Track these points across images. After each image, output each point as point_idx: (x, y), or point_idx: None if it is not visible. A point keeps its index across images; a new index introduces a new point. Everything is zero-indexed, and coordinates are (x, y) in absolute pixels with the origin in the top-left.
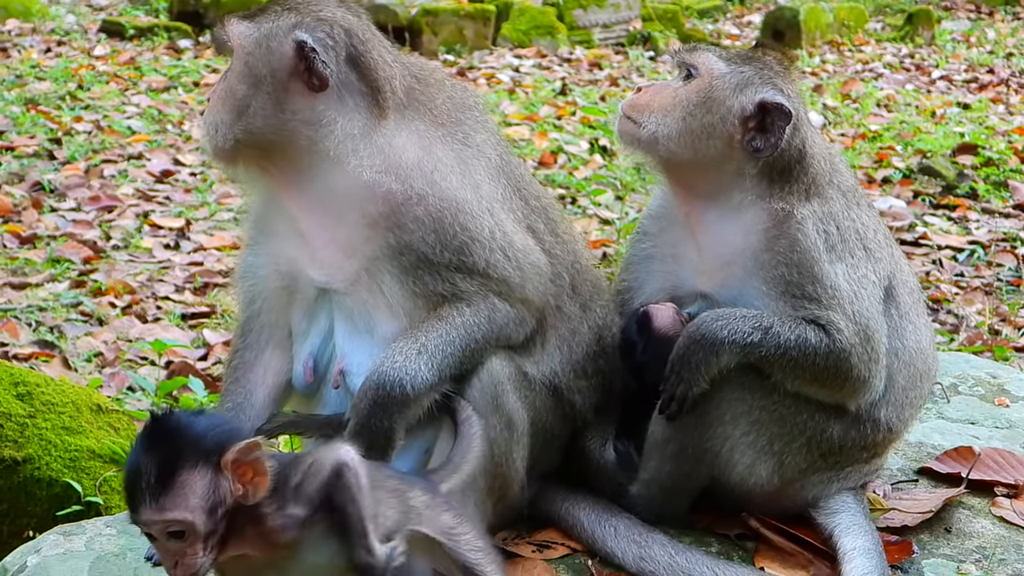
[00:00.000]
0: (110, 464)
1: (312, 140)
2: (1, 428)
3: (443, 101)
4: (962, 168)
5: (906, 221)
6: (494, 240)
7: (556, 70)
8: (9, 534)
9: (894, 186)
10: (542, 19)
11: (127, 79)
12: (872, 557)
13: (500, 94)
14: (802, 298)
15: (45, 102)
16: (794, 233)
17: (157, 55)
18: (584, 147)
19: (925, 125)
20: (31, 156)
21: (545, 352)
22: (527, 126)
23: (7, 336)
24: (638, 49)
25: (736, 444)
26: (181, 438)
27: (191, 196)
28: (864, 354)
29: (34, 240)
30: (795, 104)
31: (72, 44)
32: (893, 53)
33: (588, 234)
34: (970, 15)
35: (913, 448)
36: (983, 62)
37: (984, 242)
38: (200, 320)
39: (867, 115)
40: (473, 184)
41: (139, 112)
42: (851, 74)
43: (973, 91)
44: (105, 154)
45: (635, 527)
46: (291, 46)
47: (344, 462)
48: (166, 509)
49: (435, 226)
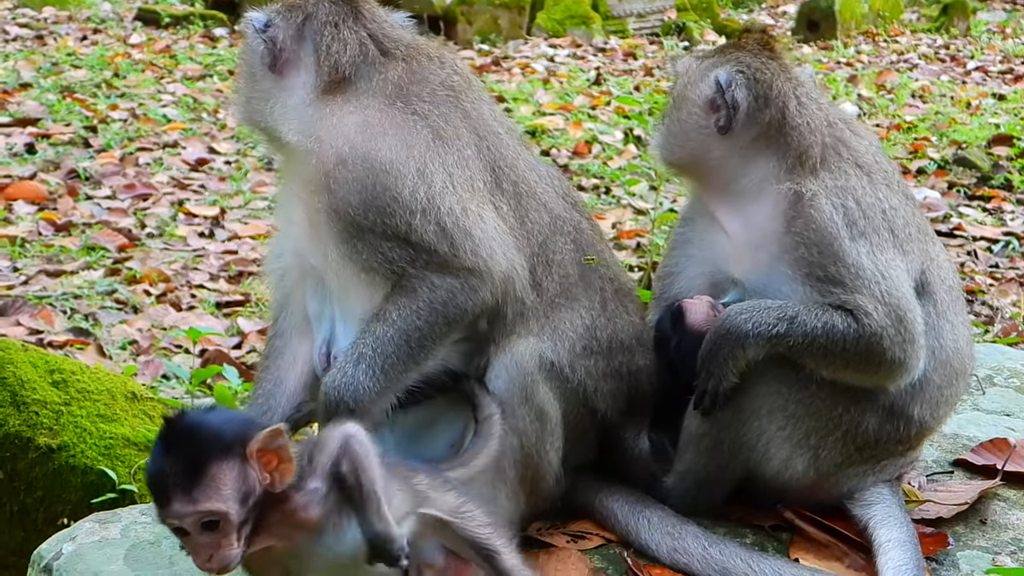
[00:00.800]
0: (145, 452)
1: (264, 114)
2: (36, 416)
3: (407, 78)
4: (997, 159)
5: (941, 212)
6: (415, 200)
7: (590, 60)
8: (44, 521)
9: (929, 177)
10: (577, 8)
11: (162, 67)
12: (907, 549)
13: (535, 83)
14: (827, 281)
15: (81, 90)
16: (808, 211)
17: (192, 43)
18: (618, 137)
19: (960, 116)
20: (67, 144)
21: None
22: (561, 115)
23: (43, 323)
24: (672, 39)
25: (772, 438)
26: (202, 434)
27: (226, 184)
28: (897, 335)
29: (69, 228)
30: (757, 74)
31: (108, 32)
32: (928, 44)
33: (622, 224)
34: (1005, 6)
35: (948, 440)
36: (1018, 53)
37: (1019, 233)
38: (234, 308)
39: (902, 106)
40: (406, 148)
41: (174, 100)
42: (886, 64)
43: (1008, 82)
44: (140, 142)
45: (669, 518)
46: (252, 30)
47: (350, 434)
48: (199, 500)
49: (359, 187)
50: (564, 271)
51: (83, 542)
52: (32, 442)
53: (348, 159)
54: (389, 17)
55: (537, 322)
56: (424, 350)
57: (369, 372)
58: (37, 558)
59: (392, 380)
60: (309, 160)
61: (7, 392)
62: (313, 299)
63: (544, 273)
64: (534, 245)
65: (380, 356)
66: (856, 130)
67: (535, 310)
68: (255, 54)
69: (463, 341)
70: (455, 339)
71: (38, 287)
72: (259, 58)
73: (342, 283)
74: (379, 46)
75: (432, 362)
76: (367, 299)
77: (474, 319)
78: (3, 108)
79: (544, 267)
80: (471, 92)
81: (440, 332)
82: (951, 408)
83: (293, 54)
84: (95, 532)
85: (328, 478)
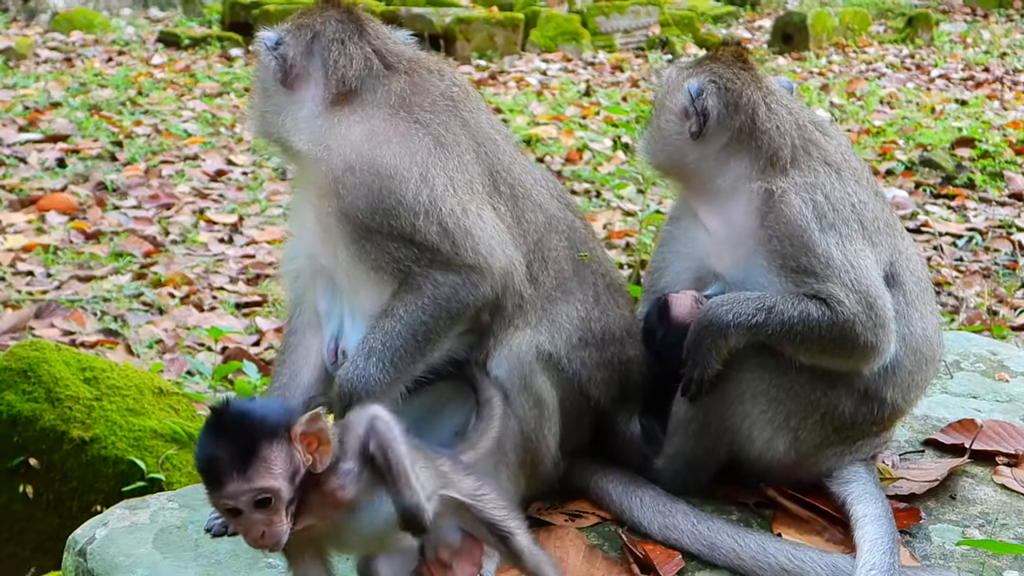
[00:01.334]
0: (171, 443)
1: (277, 126)
2: (70, 411)
3: (410, 89)
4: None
5: (908, 210)
6: (419, 203)
7: (580, 73)
8: (79, 509)
9: (897, 177)
10: (567, 26)
11: (183, 85)
12: (883, 523)
13: (529, 96)
14: (800, 272)
15: (107, 108)
16: (779, 206)
17: (210, 63)
18: (607, 144)
19: (925, 120)
20: (95, 158)
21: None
22: (554, 125)
23: (75, 325)
24: (657, 53)
25: (755, 421)
26: (249, 419)
27: (243, 193)
28: (869, 321)
29: (98, 236)
30: (727, 84)
31: (131, 54)
32: (895, 54)
33: (612, 225)
34: (966, 17)
35: (919, 421)
36: (979, 61)
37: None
38: (253, 308)
39: (871, 112)
40: (410, 155)
41: (194, 116)
42: (856, 74)
43: (970, 88)
44: (163, 155)
45: (660, 498)
46: (264, 48)
47: (375, 414)
48: (254, 479)
49: (366, 191)
50: (559, 267)
51: (114, 527)
52: (66, 435)
53: (356, 166)
54: (392, 34)
55: (535, 315)
56: (430, 343)
57: (379, 365)
58: (72, 543)
59: (401, 371)
60: (319, 167)
61: (42, 389)
62: (324, 297)
63: (540, 268)
64: (530, 242)
65: (389, 350)
66: (826, 131)
67: (533, 303)
68: (267, 70)
69: (466, 333)
70: (459, 331)
71: (70, 291)
72: (271, 74)
73: (351, 282)
74: (383, 60)
75: (438, 353)
76: (375, 296)
77: (476, 312)
78: (36, 125)
79: (540, 263)
80: (469, 102)
81: (444, 325)
82: (921, 391)
83: (303, 69)
84: (125, 518)
85: (359, 458)
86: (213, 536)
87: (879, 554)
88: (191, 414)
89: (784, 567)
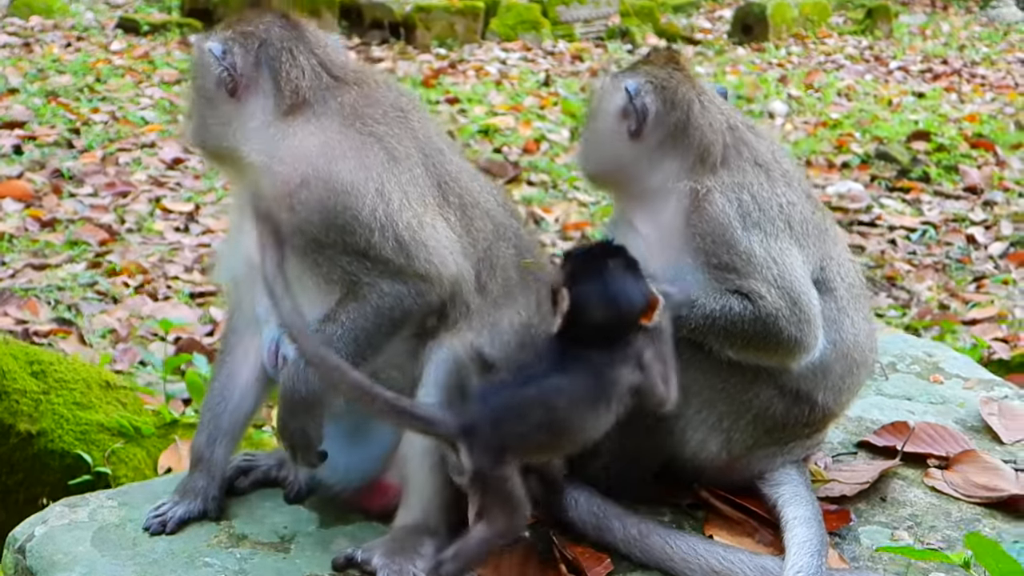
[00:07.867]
0: (118, 437)
1: (225, 137)
2: (17, 404)
3: (361, 101)
4: (916, 153)
5: (863, 203)
6: (375, 219)
7: (540, 62)
8: (25, 501)
9: (852, 170)
10: (527, 15)
11: (141, 72)
12: (812, 525)
13: (488, 85)
14: (722, 268)
15: (65, 94)
16: (704, 205)
17: (170, 50)
18: (565, 135)
19: (882, 113)
20: (52, 145)
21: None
22: (512, 116)
23: (28, 314)
24: (616, 43)
25: (688, 422)
26: None
27: (200, 182)
28: (792, 316)
29: (54, 224)
30: (663, 83)
31: (90, 40)
32: (854, 45)
33: (568, 216)
34: (926, 9)
35: (853, 423)
36: (937, 54)
37: (936, 222)
38: (207, 298)
39: (828, 104)
40: (365, 169)
41: (152, 104)
42: (814, 65)
43: (928, 81)
44: (120, 143)
45: (594, 499)
46: (211, 58)
47: None
48: None
49: (320, 207)
50: (506, 274)
51: (53, 525)
52: (13, 428)
53: (311, 180)
54: (329, 41)
55: (480, 320)
56: (372, 348)
57: None
58: (12, 540)
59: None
60: (271, 179)
61: None
62: (263, 302)
63: (489, 276)
64: (480, 251)
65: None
66: (758, 132)
67: (479, 310)
68: (212, 80)
69: (409, 337)
70: (403, 336)
71: (24, 280)
72: (217, 84)
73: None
74: (328, 71)
75: (380, 357)
76: (317, 303)
77: (421, 319)
78: None
79: (489, 271)
80: (416, 112)
81: (386, 332)
82: (853, 395)
83: (252, 80)
84: (65, 516)
85: None
86: (151, 535)
87: (807, 556)
88: (138, 408)
89: (714, 569)
